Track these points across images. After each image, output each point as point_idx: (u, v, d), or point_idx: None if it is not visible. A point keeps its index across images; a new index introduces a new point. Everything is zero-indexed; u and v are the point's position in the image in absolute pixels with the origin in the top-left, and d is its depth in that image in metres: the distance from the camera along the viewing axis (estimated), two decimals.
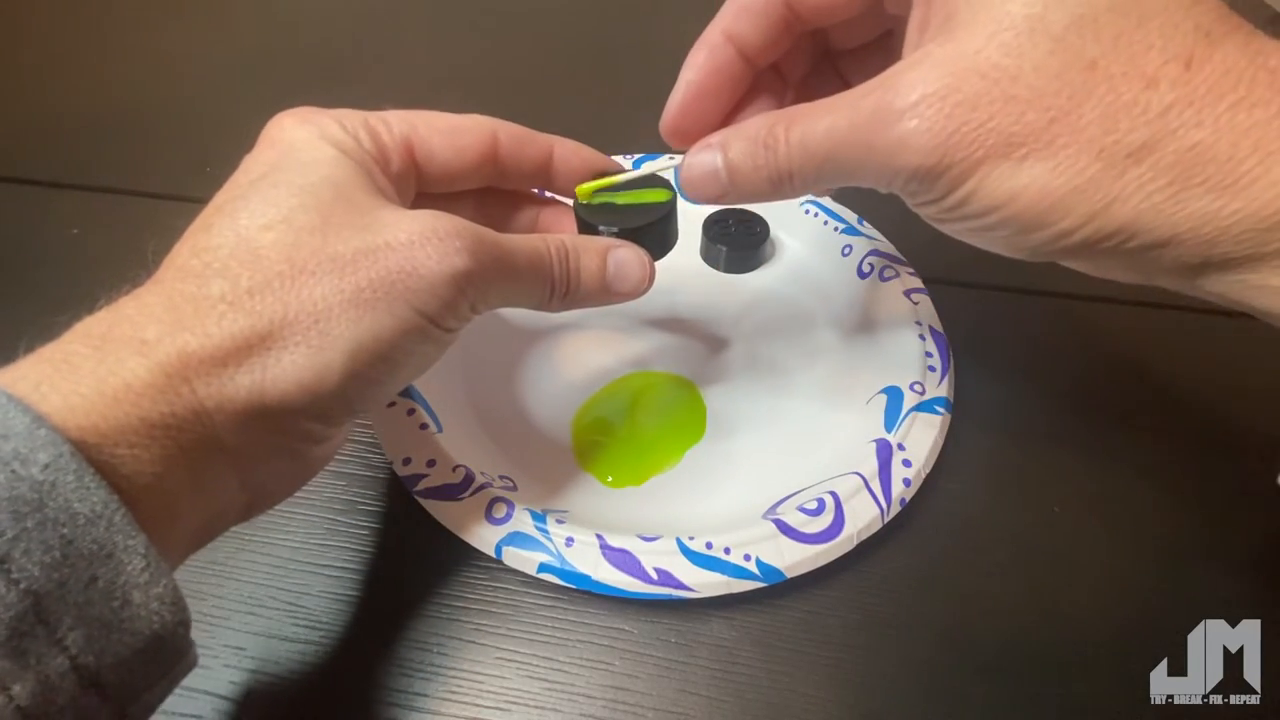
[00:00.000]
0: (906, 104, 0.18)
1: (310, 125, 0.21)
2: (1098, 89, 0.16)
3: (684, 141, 0.23)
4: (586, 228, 0.25)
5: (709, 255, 0.35)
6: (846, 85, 0.21)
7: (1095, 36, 0.16)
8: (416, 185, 0.24)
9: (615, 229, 0.24)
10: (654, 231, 0.25)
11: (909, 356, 0.30)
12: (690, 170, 0.22)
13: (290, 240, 0.18)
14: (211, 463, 0.17)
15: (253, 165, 0.20)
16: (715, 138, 0.22)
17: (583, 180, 0.25)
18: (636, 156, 0.38)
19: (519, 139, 0.24)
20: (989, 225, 0.18)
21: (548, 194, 0.28)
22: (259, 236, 0.18)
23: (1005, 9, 0.17)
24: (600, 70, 0.50)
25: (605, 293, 0.24)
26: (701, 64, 0.23)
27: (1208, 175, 0.16)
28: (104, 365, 0.16)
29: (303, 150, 0.20)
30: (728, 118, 0.24)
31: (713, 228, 0.35)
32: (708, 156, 0.22)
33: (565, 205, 0.27)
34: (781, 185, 0.21)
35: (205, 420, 0.17)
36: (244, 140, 0.22)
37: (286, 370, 0.18)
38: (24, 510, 0.14)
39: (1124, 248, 0.17)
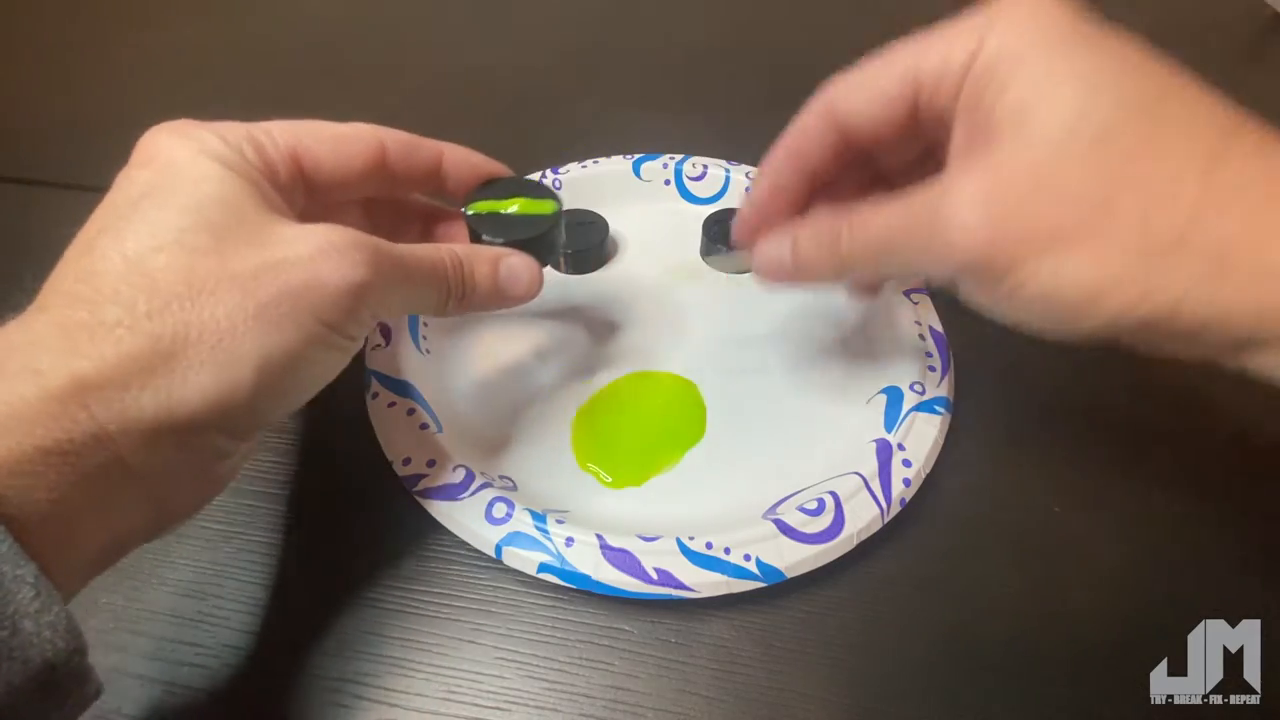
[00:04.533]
0: (957, 204, 0.19)
1: (190, 140, 0.20)
2: (1129, 189, 0.18)
3: (753, 242, 0.26)
4: (476, 238, 0.26)
5: (709, 255, 0.35)
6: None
7: (1121, 144, 0.18)
8: (304, 196, 0.23)
9: (502, 240, 0.26)
10: (541, 242, 0.26)
11: (909, 356, 0.30)
12: (761, 257, 0.25)
13: (185, 262, 0.18)
14: (115, 485, 0.17)
15: (130, 185, 0.20)
16: (788, 227, 0.24)
17: (471, 184, 0.27)
18: (635, 157, 0.38)
19: (407, 145, 0.25)
20: (1039, 312, 0.20)
21: (438, 203, 0.29)
22: (150, 259, 0.18)
23: (1041, 123, 0.19)
24: (601, 70, 0.50)
25: (498, 297, 0.25)
26: (768, 179, 0.25)
27: (1241, 265, 0.17)
28: None
29: (186, 168, 0.20)
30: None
31: (713, 228, 0.35)
32: (776, 246, 0.24)
33: (453, 215, 0.28)
34: (843, 273, 0.23)
35: (107, 444, 0.17)
36: None
37: (194, 389, 0.18)
38: None
39: (1173, 329, 0.18)
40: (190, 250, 0.18)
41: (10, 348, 0.17)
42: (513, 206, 0.27)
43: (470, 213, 0.26)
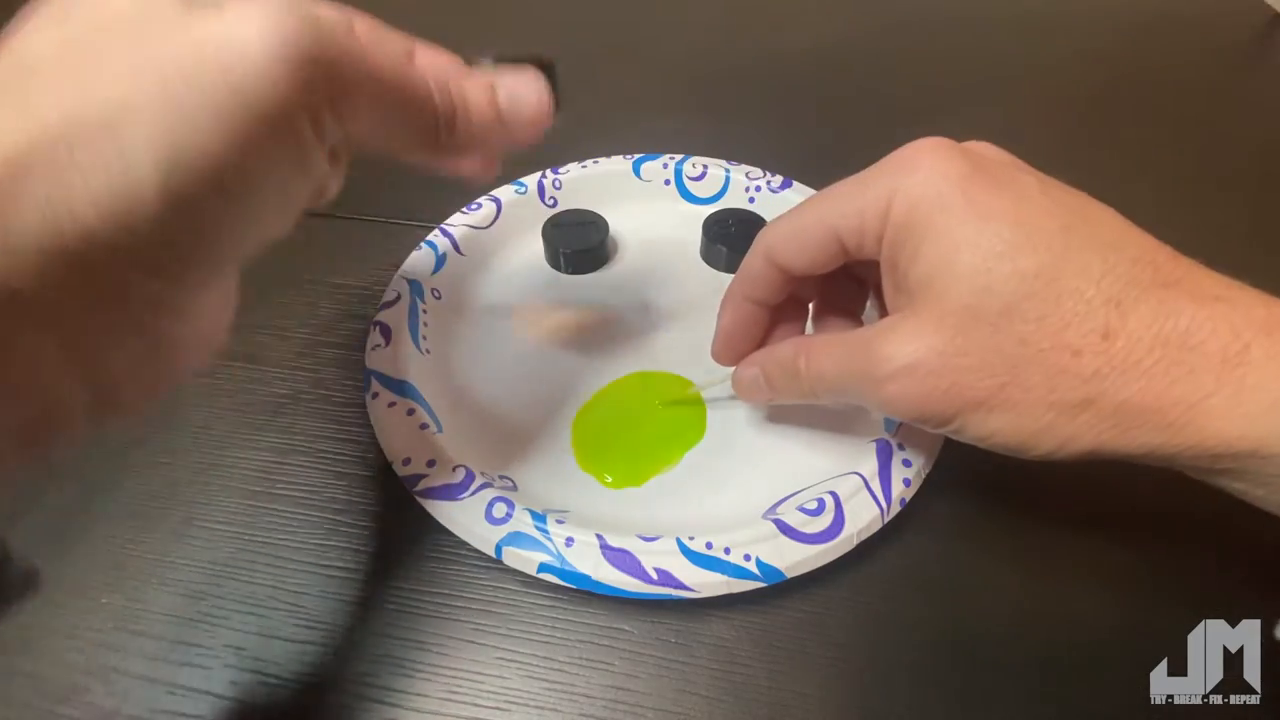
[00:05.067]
0: (885, 374, 0.21)
1: None
2: (1033, 360, 0.20)
3: (731, 363, 0.28)
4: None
5: (709, 255, 0.35)
6: (861, 281, 0.27)
7: (1022, 319, 0.20)
8: None
9: (495, 61, 0.21)
10: (546, 70, 0.21)
11: None
12: (740, 383, 0.27)
13: (81, 42, 0.15)
14: (16, 328, 0.14)
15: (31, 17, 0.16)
16: (756, 357, 0.27)
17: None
18: (635, 157, 0.38)
19: (376, 34, 0.19)
20: (985, 447, 0.22)
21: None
22: (39, 47, 0.15)
23: (948, 302, 0.20)
24: (601, 70, 0.50)
25: (499, 123, 0.20)
26: (729, 317, 0.27)
27: (1145, 421, 0.19)
28: None
29: None
30: (760, 342, 0.28)
31: (713, 228, 0.35)
32: (751, 373, 0.27)
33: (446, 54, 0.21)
34: (810, 398, 0.25)
35: (6, 249, 0.14)
36: None
37: (79, 188, 0.14)
38: None
39: (1105, 458, 0.20)
40: (89, 34, 0.15)
41: None
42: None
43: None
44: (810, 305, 0.28)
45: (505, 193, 0.36)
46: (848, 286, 0.28)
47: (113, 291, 0.15)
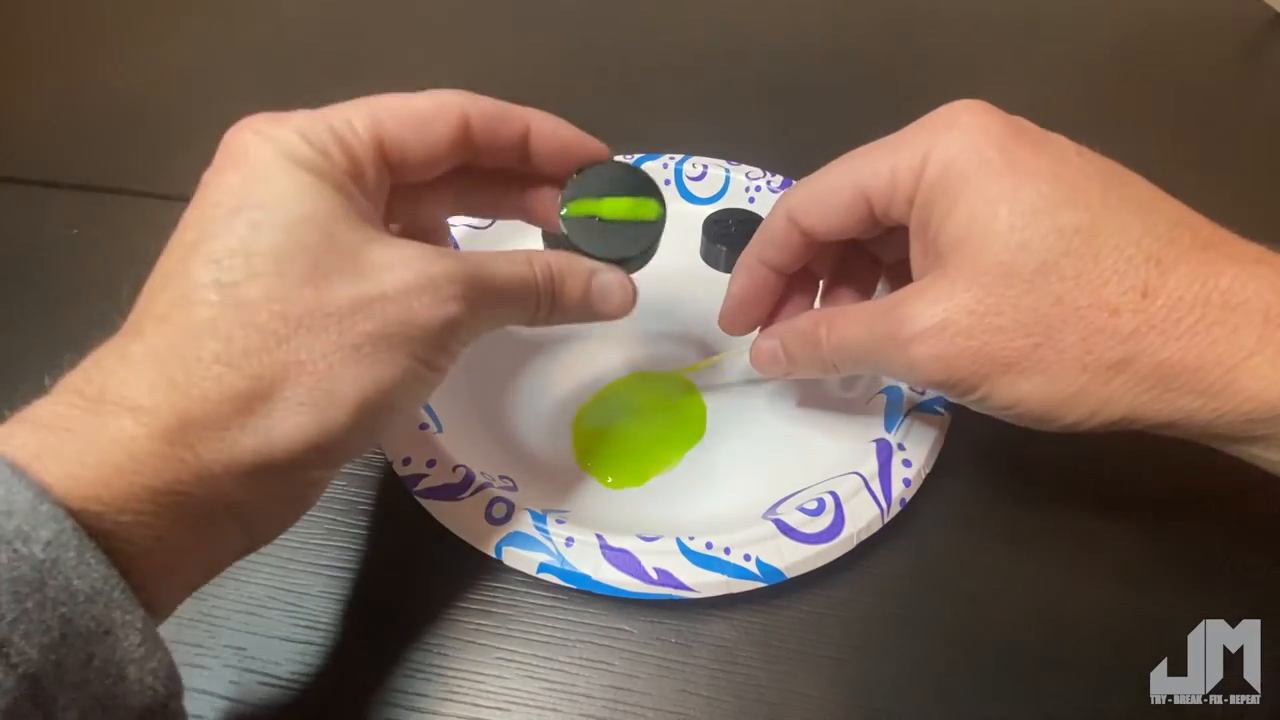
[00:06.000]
0: (912, 334, 0.21)
1: (274, 143, 0.19)
2: (1069, 319, 0.19)
3: (738, 332, 0.28)
4: (571, 247, 0.24)
5: (709, 255, 0.35)
6: (875, 260, 0.27)
7: (1059, 277, 0.19)
8: (390, 179, 0.22)
9: (599, 255, 0.24)
10: (641, 259, 0.25)
11: None
12: (758, 356, 0.27)
13: (281, 294, 0.18)
14: (216, 518, 0.18)
15: (219, 193, 0.19)
16: (774, 329, 0.26)
17: (559, 162, 0.24)
18: (637, 156, 0.38)
19: (492, 118, 0.23)
20: (1008, 417, 0.21)
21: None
22: (247, 288, 0.17)
23: (981, 258, 0.20)
24: (601, 70, 0.50)
25: (588, 313, 0.24)
26: (742, 282, 0.27)
27: (1183, 383, 0.19)
28: (104, 433, 0.16)
29: (275, 178, 0.19)
30: (771, 313, 0.28)
31: (713, 228, 0.35)
32: (770, 345, 0.26)
33: (550, 181, 0.25)
34: (829, 371, 0.25)
35: (211, 482, 0.17)
36: None
37: (293, 429, 0.17)
38: (24, 591, 0.14)
39: (1134, 428, 0.20)
40: (286, 281, 0.18)
41: (111, 377, 0.17)
42: (614, 208, 0.24)
43: (566, 214, 0.24)
44: (820, 284, 0.28)
45: None
46: (860, 264, 0.27)
47: (293, 490, 0.20)
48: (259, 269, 0.18)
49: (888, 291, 0.27)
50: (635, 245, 0.24)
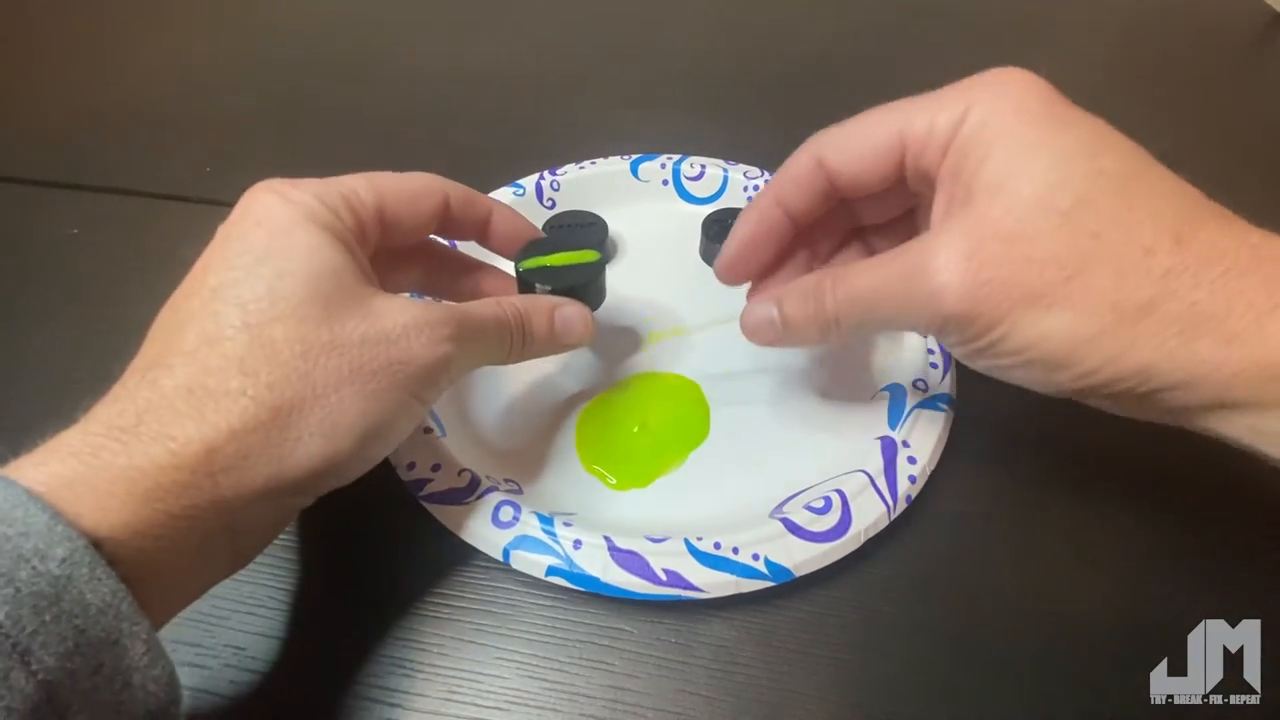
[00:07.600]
0: (939, 262, 0.20)
1: (293, 206, 0.21)
2: (1104, 254, 0.19)
3: (734, 280, 0.27)
4: (529, 288, 0.28)
5: (708, 255, 0.35)
6: (873, 254, 0.25)
7: (1096, 214, 0.19)
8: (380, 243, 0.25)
9: (553, 288, 0.27)
10: (590, 289, 0.28)
11: (911, 353, 0.30)
12: (749, 319, 0.26)
13: (301, 334, 0.20)
14: (216, 539, 0.19)
15: (243, 244, 0.21)
16: (773, 292, 0.25)
17: (510, 241, 0.28)
18: (633, 158, 0.38)
19: (465, 201, 0.27)
20: (1019, 364, 0.21)
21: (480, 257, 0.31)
22: (271, 329, 0.19)
23: (1018, 191, 0.20)
24: (599, 70, 0.50)
25: (553, 344, 0.27)
26: (754, 221, 0.26)
27: (1211, 329, 0.18)
28: (134, 464, 0.17)
29: (296, 235, 0.21)
30: (771, 266, 0.27)
31: (713, 227, 0.35)
32: (764, 308, 0.25)
33: (501, 270, 0.30)
34: (829, 332, 0.24)
35: (223, 508, 0.18)
36: (244, 141, 0.22)
37: (303, 458, 0.19)
38: (43, 604, 0.15)
39: (1142, 389, 0.19)
40: (305, 322, 0.20)
41: (145, 409, 0.18)
42: (560, 259, 0.28)
43: (523, 269, 0.28)
44: (823, 254, 0.28)
45: (503, 195, 0.36)
46: (850, 257, 0.27)
47: (283, 513, 0.22)
48: (282, 313, 0.20)
49: None
50: (584, 276, 0.28)
